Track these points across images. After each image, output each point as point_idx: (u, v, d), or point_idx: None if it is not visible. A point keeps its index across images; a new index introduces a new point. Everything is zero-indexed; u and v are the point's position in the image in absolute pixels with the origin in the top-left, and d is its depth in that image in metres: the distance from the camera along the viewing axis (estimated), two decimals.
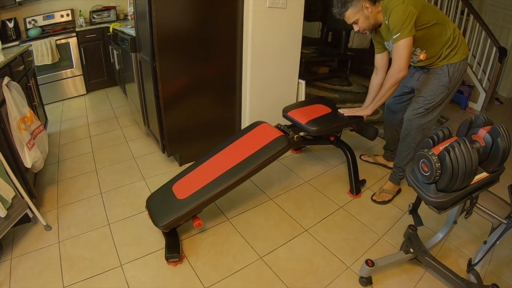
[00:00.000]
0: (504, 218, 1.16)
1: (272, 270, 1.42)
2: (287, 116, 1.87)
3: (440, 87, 1.61)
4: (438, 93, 1.62)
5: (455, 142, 0.98)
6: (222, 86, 2.15)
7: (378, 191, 1.93)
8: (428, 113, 1.67)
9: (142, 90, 2.28)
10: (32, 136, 1.72)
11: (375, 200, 1.89)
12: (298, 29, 2.18)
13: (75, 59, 3.45)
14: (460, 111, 3.53)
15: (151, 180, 2.05)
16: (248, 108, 2.20)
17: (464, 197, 1.09)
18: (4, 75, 1.66)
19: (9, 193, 1.43)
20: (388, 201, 1.89)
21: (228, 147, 1.69)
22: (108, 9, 3.72)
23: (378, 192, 1.92)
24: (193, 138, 2.16)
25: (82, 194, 1.91)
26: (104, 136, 2.65)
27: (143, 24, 1.89)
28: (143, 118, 2.40)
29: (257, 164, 1.53)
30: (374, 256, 1.38)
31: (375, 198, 1.90)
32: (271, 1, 1.95)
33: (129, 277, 1.37)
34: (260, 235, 1.62)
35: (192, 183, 1.54)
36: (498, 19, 3.96)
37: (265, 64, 2.12)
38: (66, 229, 1.63)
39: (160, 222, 1.42)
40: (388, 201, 1.89)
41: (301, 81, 2.38)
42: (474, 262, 1.28)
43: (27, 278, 1.36)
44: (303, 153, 2.43)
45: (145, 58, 2.00)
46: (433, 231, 1.63)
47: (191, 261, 1.46)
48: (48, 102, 3.26)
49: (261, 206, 1.83)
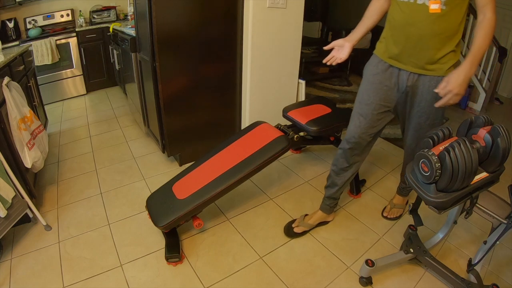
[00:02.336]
0: (504, 218, 1.16)
1: (272, 270, 1.42)
2: (287, 116, 1.87)
3: (434, 101, 1.24)
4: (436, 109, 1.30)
5: (455, 142, 0.98)
6: (222, 86, 2.14)
7: (388, 207, 1.79)
8: None
9: (142, 90, 2.28)
10: (32, 136, 1.72)
11: (386, 217, 1.76)
12: (298, 29, 2.18)
13: (75, 59, 3.45)
14: (460, 111, 3.53)
15: (151, 180, 2.05)
16: (248, 108, 2.20)
17: (464, 197, 1.09)
18: (4, 75, 1.66)
19: (9, 193, 1.43)
20: (400, 216, 1.77)
21: (228, 147, 1.69)
22: (108, 9, 3.72)
23: (389, 208, 1.79)
24: (193, 138, 2.16)
25: (82, 194, 1.91)
26: (104, 136, 2.65)
27: (143, 24, 1.89)
28: (143, 118, 2.40)
29: (257, 164, 1.53)
30: (374, 256, 1.38)
31: (386, 214, 1.77)
32: (271, 1, 1.94)
33: (129, 277, 1.37)
34: (260, 235, 1.62)
35: (192, 183, 1.54)
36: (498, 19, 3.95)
37: (265, 64, 2.12)
38: (66, 229, 1.63)
39: (160, 222, 1.42)
40: (400, 216, 1.77)
41: (301, 81, 2.38)
42: (474, 262, 1.28)
43: (27, 278, 1.36)
44: (303, 153, 2.43)
45: (145, 58, 2.00)
46: (433, 231, 1.62)
47: (191, 261, 1.46)
48: (48, 102, 3.26)
49: (261, 206, 1.83)
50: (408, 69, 1.27)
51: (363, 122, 1.40)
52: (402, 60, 1.27)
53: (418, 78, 1.27)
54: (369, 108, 1.39)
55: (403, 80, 1.30)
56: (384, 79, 1.35)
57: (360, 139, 1.43)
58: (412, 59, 1.24)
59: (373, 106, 1.38)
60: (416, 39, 1.19)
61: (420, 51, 1.20)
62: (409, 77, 1.28)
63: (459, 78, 1.10)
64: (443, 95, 1.14)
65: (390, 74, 1.33)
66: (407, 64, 1.26)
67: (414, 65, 1.25)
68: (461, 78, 1.10)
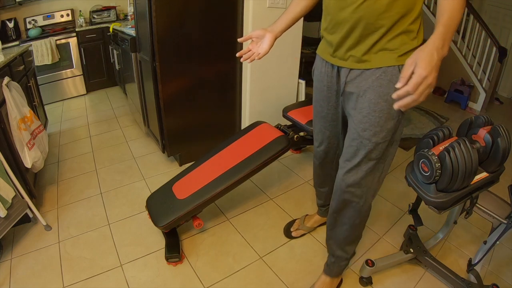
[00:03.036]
0: (504, 218, 1.16)
1: (272, 270, 1.42)
2: (287, 116, 1.87)
3: (387, 105, 0.93)
4: (388, 118, 0.95)
5: (455, 142, 0.98)
6: (222, 85, 2.14)
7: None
8: (378, 163, 1.03)
9: (142, 90, 2.28)
10: (32, 136, 1.72)
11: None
12: (298, 29, 2.18)
13: (75, 59, 3.45)
14: (460, 111, 3.53)
15: (151, 180, 2.05)
16: (248, 108, 2.20)
17: (464, 197, 1.09)
18: (4, 75, 1.66)
19: (9, 193, 1.43)
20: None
21: (228, 147, 1.69)
22: (108, 9, 3.72)
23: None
24: (193, 138, 2.16)
25: (82, 194, 1.91)
26: (104, 136, 2.65)
27: (143, 24, 1.89)
28: (143, 118, 2.40)
29: (257, 164, 1.53)
30: (374, 256, 1.38)
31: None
32: (271, 1, 1.94)
33: (129, 277, 1.37)
34: (260, 235, 1.62)
35: (192, 183, 1.54)
36: (498, 19, 3.96)
37: (265, 64, 2.12)
38: (66, 229, 1.63)
39: (160, 222, 1.42)
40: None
41: (301, 81, 2.38)
42: (474, 262, 1.28)
43: (27, 278, 1.36)
44: (303, 153, 2.43)
45: (145, 58, 2.00)
46: (433, 231, 1.62)
47: (191, 261, 1.46)
48: (48, 102, 3.26)
49: (261, 206, 1.83)
50: (347, 66, 0.98)
51: (326, 134, 1.22)
52: (340, 55, 0.99)
53: (361, 75, 0.96)
54: (326, 120, 1.18)
55: (343, 80, 1.02)
56: (331, 84, 1.07)
57: (328, 150, 1.27)
58: (351, 52, 0.95)
59: (329, 117, 1.16)
60: (352, 23, 0.89)
61: (359, 38, 0.91)
62: (348, 75, 0.99)
63: (431, 57, 0.72)
64: (412, 88, 0.71)
65: (337, 76, 1.04)
66: (347, 60, 0.97)
67: (353, 59, 0.95)
68: (433, 57, 0.72)
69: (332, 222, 1.22)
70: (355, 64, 0.96)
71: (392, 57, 0.90)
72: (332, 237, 1.24)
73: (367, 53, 0.92)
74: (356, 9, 0.87)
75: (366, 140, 0.98)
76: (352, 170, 1.05)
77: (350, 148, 1.04)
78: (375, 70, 0.92)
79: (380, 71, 0.91)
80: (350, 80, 0.99)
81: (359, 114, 0.98)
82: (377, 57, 0.91)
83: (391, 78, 0.90)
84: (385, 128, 0.96)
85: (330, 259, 1.28)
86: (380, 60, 0.91)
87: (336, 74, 1.04)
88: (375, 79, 0.92)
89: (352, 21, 0.89)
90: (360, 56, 0.93)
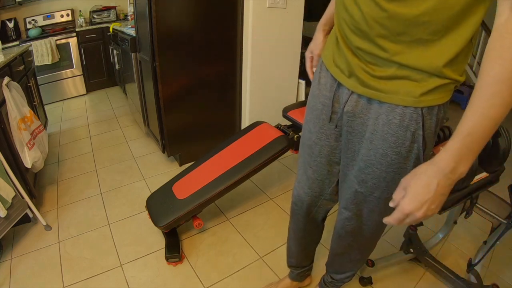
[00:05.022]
0: (504, 218, 1.16)
1: (272, 270, 1.42)
2: (287, 116, 1.87)
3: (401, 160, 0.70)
4: None
5: None
6: (222, 86, 2.14)
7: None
8: None
9: (142, 90, 2.28)
10: (32, 136, 1.72)
11: None
12: (298, 29, 2.18)
13: (75, 59, 3.45)
14: (460, 111, 3.51)
15: (151, 180, 2.05)
16: (248, 108, 2.20)
17: (464, 197, 1.09)
18: (4, 75, 1.66)
19: (9, 193, 1.43)
20: None
21: (228, 147, 1.69)
22: (108, 9, 3.72)
23: None
24: (193, 138, 2.17)
25: (82, 194, 1.91)
26: (104, 136, 2.65)
27: (143, 24, 1.89)
28: (143, 118, 2.40)
29: (257, 164, 1.53)
30: (374, 256, 1.38)
31: None
32: (271, 1, 1.94)
33: (129, 277, 1.37)
34: (260, 235, 1.62)
35: (192, 183, 1.54)
36: None
37: (265, 64, 2.12)
38: (66, 229, 1.63)
39: (160, 222, 1.42)
40: None
41: (301, 81, 2.38)
42: (474, 262, 1.28)
43: (27, 278, 1.36)
44: None
45: (145, 58, 2.00)
46: (433, 231, 1.62)
47: (191, 261, 1.46)
48: (48, 102, 3.26)
49: (261, 206, 1.83)
50: (350, 87, 0.69)
51: (312, 177, 0.92)
52: (340, 66, 0.70)
53: (367, 105, 0.68)
54: (314, 154, 0.87)
55: (341, 103, 0.74)
56: (328, 101, 0.77)
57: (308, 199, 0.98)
58: (357, 69, 0.66)
59: (318, 149, 0.86)
60: (368, 25, 0.60)
61: (374, 50, 0.61)
62: (349, 99, 0.70)
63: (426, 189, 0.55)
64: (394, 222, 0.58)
65: (340, 93, 0.74)
66: (350, 77, 0.68)
67: (360, 80, 0.66)
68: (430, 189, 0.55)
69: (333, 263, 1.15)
70: (360, 87, 0.69)
71: (415, 94, 0.63)
72: (334, 272, 1.18)
73: (384, 78, 0.64)
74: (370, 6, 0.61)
75: (366, 195, 0.78)
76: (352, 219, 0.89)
77: (347, 195, 0.84)
78: (390, 107, 0.66)
79: (397, 111, 0.65)
80: (351, 106, 0.73)
81: (360, 160, 0.76)
82: (396, 85, 0.63)
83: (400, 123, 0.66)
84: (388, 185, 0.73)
85: (327, 279, 1.19)
86: (399, 95, 0.64)
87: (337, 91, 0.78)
88: (387, 117, 0.67)
89: (369, 21, 0.64)
90: (370, 75, 0.66)
